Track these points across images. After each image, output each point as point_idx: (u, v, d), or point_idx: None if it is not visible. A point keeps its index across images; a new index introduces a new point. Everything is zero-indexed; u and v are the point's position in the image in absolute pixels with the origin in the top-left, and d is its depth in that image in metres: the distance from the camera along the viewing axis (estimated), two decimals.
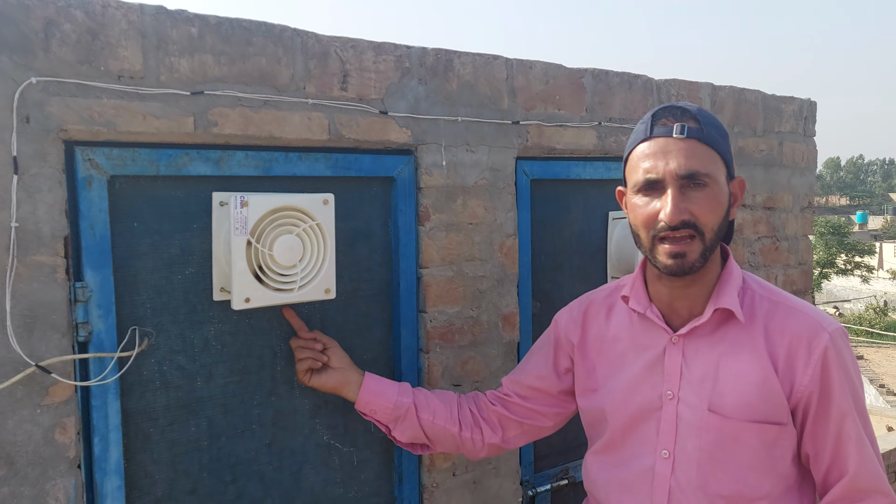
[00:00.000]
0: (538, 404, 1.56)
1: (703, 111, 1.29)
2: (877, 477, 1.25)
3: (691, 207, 1.23)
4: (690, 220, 1.23)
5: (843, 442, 1.24)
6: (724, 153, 1.28)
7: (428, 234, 1.75)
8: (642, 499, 1.34)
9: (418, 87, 1.71)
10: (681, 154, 1.23)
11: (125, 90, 1.34)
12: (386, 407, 1.53)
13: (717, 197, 1.25)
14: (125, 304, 1.39)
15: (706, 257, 1.26)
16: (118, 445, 1.38)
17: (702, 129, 1.25)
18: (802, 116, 2.70)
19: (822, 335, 1.24)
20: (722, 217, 1.27)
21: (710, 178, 1.24)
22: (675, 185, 1.23)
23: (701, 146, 1.24)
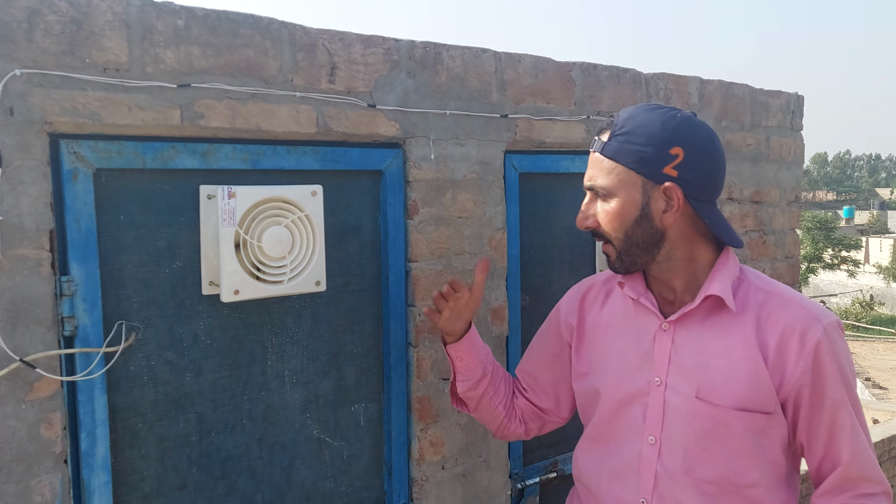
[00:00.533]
0: (551, 398, 1.59)
1: (632, 120, 1.28)
2: (870, 465, 1.27)
3: (598, 216, 1.33)
4: (593, 226, 1.35)
5: (837, 433, 1.25)
6: (641, 165, 1.26)
7: (417, 228, 1.74)
8: (629, 484, 1.34)
9: (407, 81, 1.71)
10: (591, 167, 1.34)
11: (110, 82, 1.33)
12: (473, 363, 1.58)
13: (617, 209, 1.29)
14: (111, 299, 1.38)
15: (624, 260, 1.33)
16: (105, 441, 1.37)
17: (609, 144, 1.29)
18: (790, 111, 2.71)
19: (815, 327, 1.24)
20: (628, 225, 1.29)
21: (606, 191, 1.30)
22: (588, 194, 1.36)
23: (606, 161, 1.30)
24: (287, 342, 1.60)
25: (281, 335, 1.60)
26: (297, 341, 1.62)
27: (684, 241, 1.31)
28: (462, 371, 1.57)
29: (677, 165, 1.25)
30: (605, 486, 1.39)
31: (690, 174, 1.25)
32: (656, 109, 1.29)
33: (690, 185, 1.26)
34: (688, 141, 1.26)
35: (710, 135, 1.29)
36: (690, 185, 1.26)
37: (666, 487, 1.30)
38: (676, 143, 1.25)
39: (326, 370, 1.67)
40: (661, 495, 1.31)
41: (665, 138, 1.25)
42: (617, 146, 1.28)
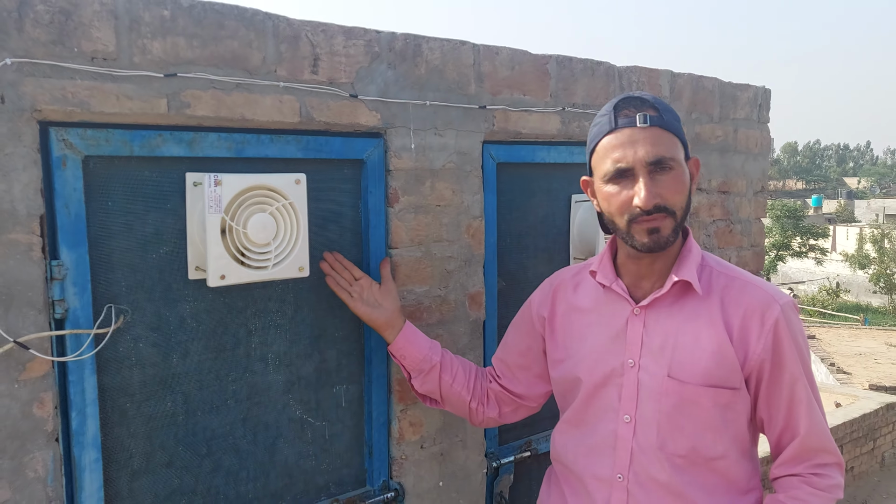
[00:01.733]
0: (520, 385, 1.67)
1: (658, 99, 1.37)
2: (825, 437, 1.36)
3: (661, 191, 1.32)
4: (661, 203, 1.32)
5: (794, 405, 1.35)
6: (681, 136, 1.37)
7: (397, 216, 1.80)
8: (605, 461, 1.42)
9: (388, 72, 1.75)
10: (647, 142, 1.32)
11: (99, 71, 1.36)
12: (416, 357, 1.65)
13: (682, 178, 1.35)
14: (100, 282, 1.42)
15: (678, 233, 1.36)
16: (95, 419, 1.41)
17: (661, 117, 1.33)
18: (757, 104, 2.80)
19: (774, 307, 1.34)
20: (687, 195, 1.36)
21: (674, 162, 1.33)
22: (645, 171, 1.32)
23: (663, 133, 1.33)
24: (271, 326, 1.66)
25: (265, 319, 1.64)
26: (280, 325, 1.67)
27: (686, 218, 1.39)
28: (411, 367, 1.65)
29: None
30: (583, 463, 1.46)
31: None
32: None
33: None
34: None
35: None
36: None
37: (640, 463, 1.38)
38: None
39: (309, 353, 1.72)
40: (636, 470, 1.39)
41: (679, 118, 1.39)
42: (669, 119, 1.35)
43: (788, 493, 1.36)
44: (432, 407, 1.76)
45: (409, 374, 1.67)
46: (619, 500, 1.41)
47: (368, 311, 1.65)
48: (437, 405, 1.73)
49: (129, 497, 1.49)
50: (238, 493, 1.64)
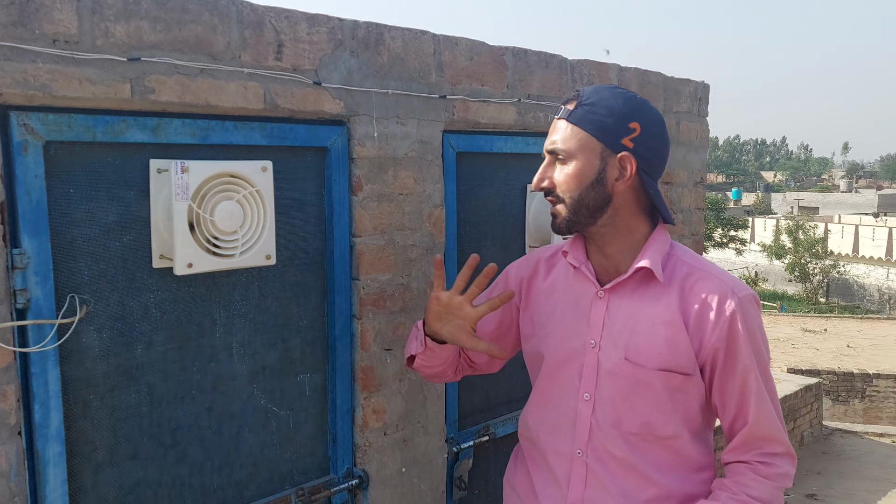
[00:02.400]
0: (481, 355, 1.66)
1: (595, 93, 1.41)
2: (774, 427, 1.41)
3: (553, 177, 1.44)
4: (548, 187, 1.44)
5: (745, 395, 1.40)
6: (600, 132, 1.39)
7: (361, 204, 1.80)
8: (565, 437, 1.47)
9: (350, 60, 1.75)
10: (554, 132, 1.44)
11: (61, 54, 1.32)
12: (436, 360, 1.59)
13: (578, 170, 1.40)
14: (63, 272, 1.38)
15: (570, 220, 1.43)
16: (59, 412, 1.38)
17: (575, 112, 1.41)
18: (697, 98, 2.91)
19: (731, 299, 1.38)
20: (583, 187, 1.40)
21: (567, 154, 1.41)
22: (548, 158, 1.45)
23: (571, 127, 1.41)
24: (235, 315, 1.64)
25: (229, 308, 1.63)
26: (244, 314, 1.66)
27: (626, 210, 1.43)
28: (427, 357, 1.60)
29: (634, 139, 1.39)
30: (545, 438, 1.51)
31: (643, 149, 1.40)
32: (619, 89, 1.44)
33: (642, 159, 1.40)
34: (645, 119, 1.41)
35: (663, 119, 1.45)
36: (642, 159, 1.40)
37: (598, 439, 1.44)
38: (635, 119, 1.39)
39: (273, 342, 1.71)
40: (594, 446, 1.44)
41: (626, 113, 1.39)
42: (582, 114, 1.40)
43: (734, 479, 1.42)
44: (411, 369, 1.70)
45: (421, 354, 1.59)
46: (578, 474, 1.46)
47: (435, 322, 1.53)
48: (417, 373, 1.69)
49: (93, 490, 1.46)
50: (203, 484, 1.62)
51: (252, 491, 1.70)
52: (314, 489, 1.79)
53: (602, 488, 1.43)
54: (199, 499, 1.62)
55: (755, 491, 1.38)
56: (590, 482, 1.44)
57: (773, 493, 1.39)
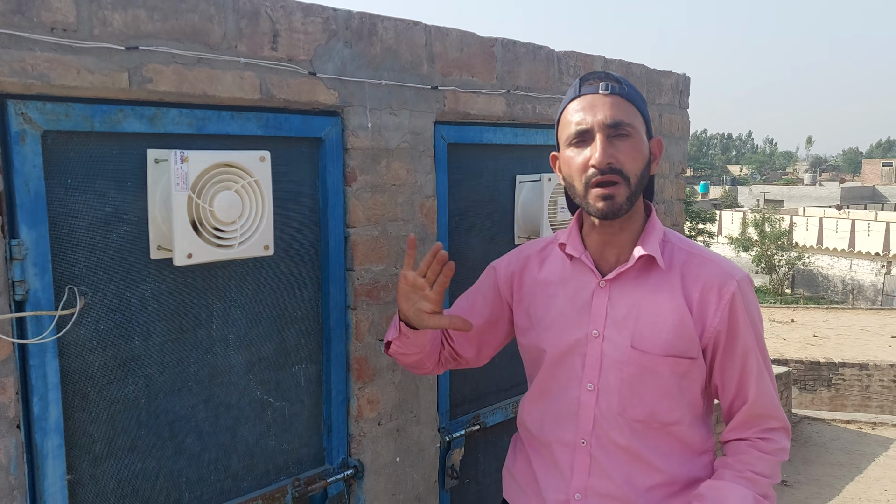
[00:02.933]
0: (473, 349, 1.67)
1: (624, 78, 1.44)
2: (773, 405, 1.46)
3: (617, 154, 1.37)
4: (616, 165, 1.37)
5: (746, 375, 1.44)
6: (644, 113, 1.44)
7: (355, 195, 1.81)
8: (568, 426, 1.49)
9: (344, 50, 1.75)
10: (607, 107, 1.38)
11: (59, 43, 1.31)
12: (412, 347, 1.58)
13: (639, 146, 1.40)
14: (60, 263, 1.37)
15: (632, 201, 1.41)
16: (57, 404, 1.37)
17: (624, 88, 1.41)
18: (678, 90, 2.96)
19: (731, 282, 1.42)
20: (644, 166, 1.41)
21: (632, 129, 1.39)
22: (603, 133, 1.37)
23: (624, 101, 1.40)
24: (231, 306, 1.64)
25: (225, 299, 1.62)
26: (240, 305, 1.65)
27: (641, 195, 1.46)
28: (403, 343, 1.60)
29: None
30: (548, 429, 1.52)
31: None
32: None
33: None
34: None
35: None
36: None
37: (602, 428, 1.45)
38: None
39: (269, 333, 1.71)
40: (598, 435, 1.46)
41: (645, 101, 1.45)
42: (630, 92, 1.41)
43: (737, 457, 1.46)
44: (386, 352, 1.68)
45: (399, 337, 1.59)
46: (582, 463, 1.48)
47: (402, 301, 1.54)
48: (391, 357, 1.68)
49: (91, 483, 1.45)
50: (200, 476, 1.62)
51: (248, 482, 1.70)
52: (310, 479, 1.79)
53: (605, 476, 1.45)
54: (196, 490, 1.61)
55: (758, 467, 1.42)
56: (593, 471, 1.46)
57: (773, 467, 1.43)
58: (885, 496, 4.93)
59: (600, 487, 1.46)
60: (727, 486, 1.40)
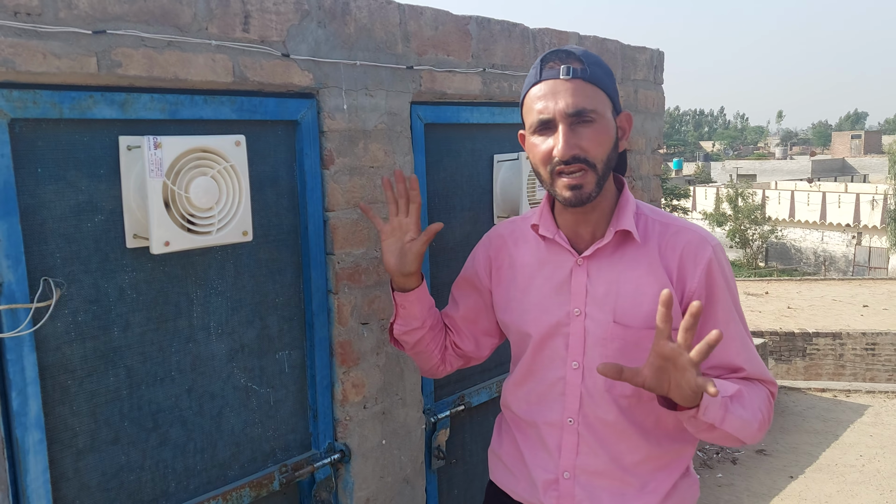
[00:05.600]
0: (471, 341, 1.69)
1: (588, 53, 1.40)
2: (762, 368, 1.46)
3: (581, 143, 1.35)
4: (580, 154, 1.34)
5: (729, 340, 1.43)
6: (609, 90, 1.40)
7: (333, 178, 1.78)
8: (555, 406, 1.49)
9: (318, 30, 1.72)
10: (568, 94, 1.34)
11: (23, 27, 1.27)
12: (413, 314, 1.63)
13: (605, 130, 1.37)
14: (34, 254, 1.34)
15: (601, 186, 1.39)
16: (37, 399, 1.34)
17: (586, 70, 1.36)
18: (653, 65, 2.95)
19: (706, 248, 1.43)
20: (610, 149, 1.39)
21: (596, 114, 1.36)
22: (566, 122, 1.34)
23: (586, 85, 1.36)
24: (211, 294, 1.61)
25: (205, 287, 1.60)
26: (221, 292, 1.63)
27: (610, 172, 1.43)
28: (402, 317, 1.63)
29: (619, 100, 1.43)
30: (534, 410, 1.52)
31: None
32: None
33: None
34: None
35: None
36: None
37: (589, 406, 1.46)
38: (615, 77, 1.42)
39: (250, 320, 1.69)
40: (585, 413, 1.46)
41: (611, 73, 1.42)
42: (594, 72, 1.36)
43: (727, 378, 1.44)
44: (396, 347, 1.74)
45: (397, 317, 1.64)
46: (569, 442, 1.49)
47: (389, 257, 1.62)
48: (402, 349, 1.72)
49: (75, 477, 1.43)
50: (186, 466, 1.60)
51: (235, 470, 1.69)
52: (297, 465, 1.79)
53: (593, 454, 1.46)
54: (182, 481, 1.60)
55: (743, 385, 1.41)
56: (581, 449, 1.46)
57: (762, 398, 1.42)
58: (861, 461, 5.04)
59: (589, 465, 1.46)
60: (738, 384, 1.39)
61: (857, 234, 29.27)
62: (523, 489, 1.56)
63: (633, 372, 1.27)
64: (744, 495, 4.49)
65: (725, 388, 1.33)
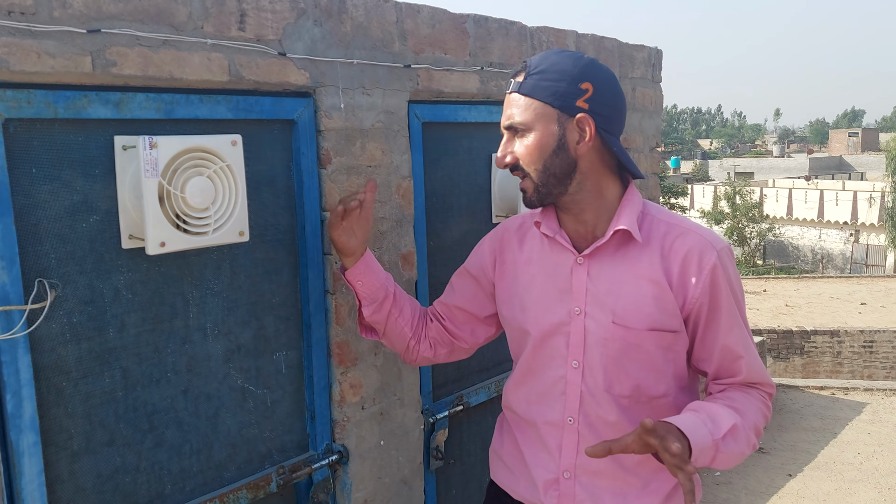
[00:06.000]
0: (463, 328, 1.68)
1: (545, 60, 1.40)
2: (762, 373, 1.47)
3: (516, 152, 1.43)
4: (513, 162, 1.43)
5: (731, 346, 1.43)
6: (556, 98, 1.37)
7: (330, 178, 1.77)
8: (555, 405, 1.48)
9: (314, 29, 1.71)
10: (510, 107, 1.43)
11: (17, 26, 1.25)
12: (373, 284, 1.64)
13: (537, 142, 1.40)
14: (28, 255, 1.33)
15: (541, 192, 1.43)
16: (32, 401, 1.33)
17: (525, 83, 1.40)
18: (650, 63, 2.95)
19: (711, 253, 1.41)
20: (546, 156, 1.40)
21: (525, 126, 1.40)
22: (508, 134, 1.44)
23: (523, 99, 1.40)
24: (208, 294, 1.60)
25: (201, 287, 1.59)
26: (217, 293, 1.62)
27: (594, 172, 1.43)
28: (365, 295, 1.64)
29: (588, 99, 1.38)
30: (535, 409, 1.52)
31: (599, 107, 1.38)
32: (564, 52, 1.42)
33: (600, 118, 1.39)
34: (596, 77, 1.39)
35: (613, 74, 1.44)
36: (600, 118, 1.39)
37: (589, 405, 1.45)
38: (586, 79, 1.38)
39: (247, 320, 1.68)
40: (585, 412, 1.45)
41: (576, 74, 1.38)
42: (533, 84, 1.39)
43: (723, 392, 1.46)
44: (370, 338, 1.74)
45: (361, 301, 1.65)
46: (570, 441, 1.48)
47: (339, 235, 1.62)
48: (376, 336, 1.72)
49: (70, 480, 1.42)
50: (182, 468, 1.59)
51: (232, 472, 1.68)
52: (294, 467, 1.78)
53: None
54: (178, 483, 1.59)
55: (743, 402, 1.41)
56: (581, 448, 1.46)
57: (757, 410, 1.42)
58: (859, 458, 5.04)
59: (589, 465, 1.46)
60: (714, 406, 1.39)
61: (855, 232, 29.30)
62: (524, 489, 1.56)
63: (621, 445, 1.26)
64: (742, 493, 4.49)
65: (719, 426, 1.32)
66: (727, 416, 1.34)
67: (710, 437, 1.28)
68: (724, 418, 1.33)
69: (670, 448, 1.20)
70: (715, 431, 1.30)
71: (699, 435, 1.26)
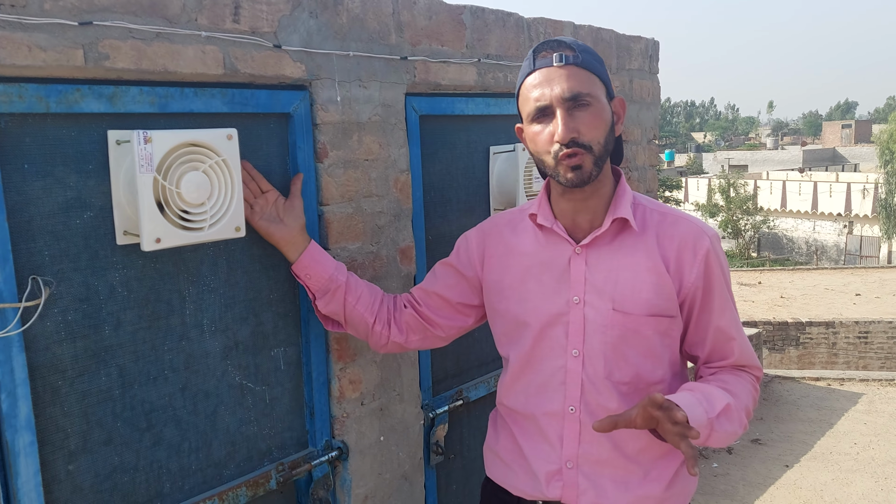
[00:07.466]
0: (439, 315, 1.66)
1: (577, 42, 1.43)
2: (752, 355, 1.51)
3: (579, 126, 1.37)
4: (579, 138, 1.37)
5: (724, 328, 1.47)
6: (602, 76, 1.42)
7: (327, 171, 1.75)
8: (555, 396, 1.48)
9: (310, 21, 1.69)
10: (563, 79, 1.37)
11: (7, 19, 1.23)
12: (321, 276, 1.62)
13: (601, 114, 1.39)
14: (21, 253, 1.30)
15: (599, 167, 1.41)
16: (27, 400, 1.31)
17: (578, 56, 1.39)
18: (648, 55, 2.93)
19: (704, 239, 1.45)
20: (607, 131, 1.41)
21: (591, 98, 1.38)
22: (563, 107, 1.37)
23: (580, 70, 1.38)
24: (204, 290, 1.58)
25: (198, 284, 1.57)
26: (214, 289, 1.60)
27: (607, 158, 1.44)
28: (316, 288, 1.62)
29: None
30: (533, 401, 1.51)
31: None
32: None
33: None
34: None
35: None
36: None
37: (591, 393, 1.45)
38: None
39: (244, 316, 1.66)
40: (587, 401, 1.45)
41: (602, 60, 1.44)
42: (586, 59, 1.39)
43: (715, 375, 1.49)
44: (335, 330, 1.73)
45: (314, 294, 1.64)
46: (572, 431, 1.48)
47: (266, 225, 1.59)
48: (340, 328, 1.71)
49: (67, 479, 1.40)
50: (181, 466, 1.57)
51: (231, 470, 1.66)
52: (294, 463, 1.76)
53: (596, 443, 1.45)
54: (177, 481, 1.57)
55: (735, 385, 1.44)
56: (583, 438, 1.46)
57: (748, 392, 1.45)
58: (855, 449, 5.05)
59: (591, 454, 1.46)
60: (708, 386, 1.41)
61: (849, 223, 29.39)
62: (523, 483, 1.55)
63: (626, 420, 1.29)
64: (739, 484, 4.50)
65: (713, 405, 1.34)
66: (721, 396, 1.37)
67: (706, 416, 1.30)
68: (718, 398, 1.36)
69: (676, 416, 1.23)
70: (710, 410, 1.32)
71: (695, 413, 1.28)
